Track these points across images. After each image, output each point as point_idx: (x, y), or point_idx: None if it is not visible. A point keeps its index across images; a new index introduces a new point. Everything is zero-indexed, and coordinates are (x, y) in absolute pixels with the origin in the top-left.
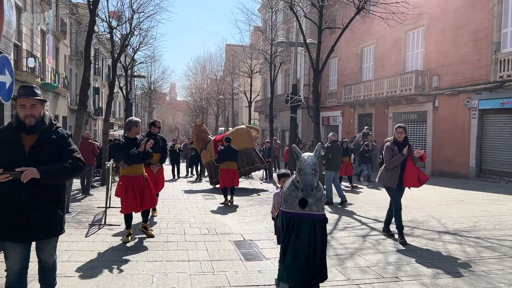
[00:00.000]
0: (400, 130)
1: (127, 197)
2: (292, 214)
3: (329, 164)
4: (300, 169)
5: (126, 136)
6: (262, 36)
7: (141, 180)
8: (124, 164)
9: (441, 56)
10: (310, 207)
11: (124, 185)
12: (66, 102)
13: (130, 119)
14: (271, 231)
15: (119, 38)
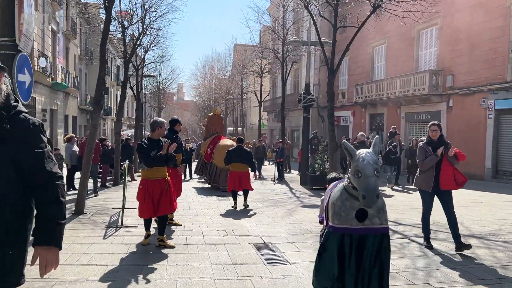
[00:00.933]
0: (434, 128)
1: (144, 201)
2: (349, 231)
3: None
4: (358, 171)
5: (149, 137)
6: (272, 35)
7: (162, 183)
8: (143, 166)
9: (456, 55)
10: (371, 219)
11: (143, 189)
12: (76, 102)
13: (155, 120)
14: (291, 234)
15: (130, 37)
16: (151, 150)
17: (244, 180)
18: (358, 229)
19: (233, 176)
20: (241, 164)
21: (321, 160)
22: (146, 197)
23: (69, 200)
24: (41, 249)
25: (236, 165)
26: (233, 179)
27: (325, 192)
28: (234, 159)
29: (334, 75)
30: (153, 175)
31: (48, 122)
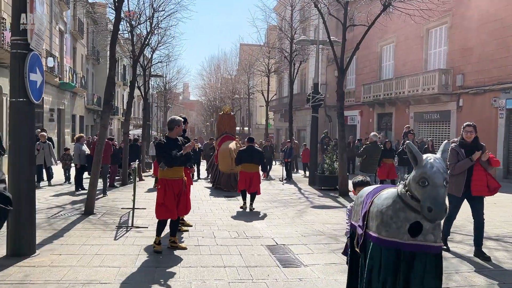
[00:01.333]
0: (469, 129)
1: (165, 202)
2: (398, 245)
3: (363, 165)
4: (425, 179)
5: (167, 136)
6: (280, 34)
7: (180, 184)
8: (164, 166)
9: (466, 54)
10: (425, 235)
11: (163, 189)
12: (83, 101)
13: (173, 118)
14: (303, 235)
15: (138, 37)
16: (171, 149)
17: (255, 181)
18: (409, 245)
19: (244, 176)
20: (251, 164)
21: (330, 160)
22: (165, 198)
23: (78, 200)
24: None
25: (247, 166)
26: (244, 180)
27: (357, 198)
28: (245, 159)
29: (344, 74)
30: (173, 175)
31: (56, 122)
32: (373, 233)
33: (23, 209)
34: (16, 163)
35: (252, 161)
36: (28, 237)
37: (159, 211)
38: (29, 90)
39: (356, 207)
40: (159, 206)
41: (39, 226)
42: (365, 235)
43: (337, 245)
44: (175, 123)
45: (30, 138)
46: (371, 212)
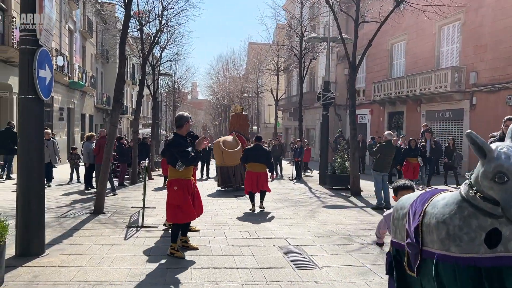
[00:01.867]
0: (509, 123)
1: (187, 203)
2: (477, 262)
3: (377, 163)
4: (502, 173)
5: (177, 133)
6: (289, 32)
7: (192, 183)
8: (181, 165)
9: (480, 51)
10: (505, 244)
11: (181, 190)
12: (92, 100)
13: (181, 114)
14: (316, 236)
15: (146, 36)
16: (187, 147)
17: (262, 180)
18: (489, 258)
19: (250, 176)
20: (258, 164)
21: (342, 160)
22: (187, 198)
23: (87, 198)
24: None
25: (253, 165)
26: (251, 180)
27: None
28: (251, 158)
29: (356, 71)
30: (187, 174)
31: (65, 121)
32: (436, 250)
33: (33, 208)
34: (25, 162)
35: (258, 160)
36: (37, 236)
37: (179, 215)
38: (38, 87)
39: (398, 222)
40: (178, 209)
41: (49, 225)
42: (422, 254)
43: (352, 246)
44: (184, 120)
45: (39, 136)
46: (427, 225)
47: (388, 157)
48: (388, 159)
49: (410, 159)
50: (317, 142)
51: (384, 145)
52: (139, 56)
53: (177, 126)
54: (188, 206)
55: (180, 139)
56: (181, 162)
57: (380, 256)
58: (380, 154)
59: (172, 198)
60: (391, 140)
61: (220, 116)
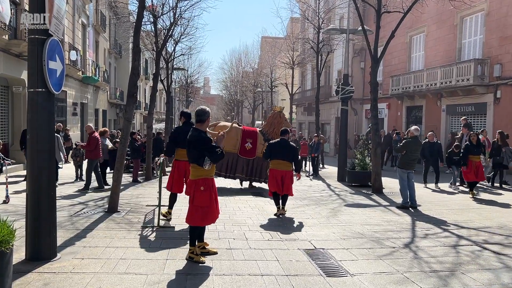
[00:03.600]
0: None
1: (213, 204)
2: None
3: (402, 160)
4: None
5: (198, 128)
6: (303, 25)
7: (214, 183)
8: (210, 164)
9: (505, 42)
10: None
11: (208, 191)
12: (106, 95)
13: (203, 109)
14: (342, 238)
15: (160, 29)
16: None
17: (287, 181)
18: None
19: (274, 175)
20: (283, 161)
21: (362, 156)
22: (211, 199)
23: (101, 197)
24: None
25: (278, 163)
26: (275, 180)
27: None
28: (275, 154)
29: (378, 63)
30: (212, 173)
31: (79, 116)
32: None
33: (43, 209)
34: (35, 159)
35: (284, 157)
36: (48, 240)
37: (201, 217)
38: (48, 79)
39: None
40: (206, 211)
41: (61, 225)
42: None
43: (382, 250)
44: (207, 115)
45: (49, 133)
46: None
47: (414, 154)
48: (415, 156)
49: (472, 157)
50: (332, 137)
51: (410, 141)
52: (153, 50)
53: (198, 121)
54: (214, 209)
55: (205, 135)
56: (209, 160)
57: (414, 261)
58: (406, 151)
59: (199, 200)
60: (417, 136)
61: (233, 111)
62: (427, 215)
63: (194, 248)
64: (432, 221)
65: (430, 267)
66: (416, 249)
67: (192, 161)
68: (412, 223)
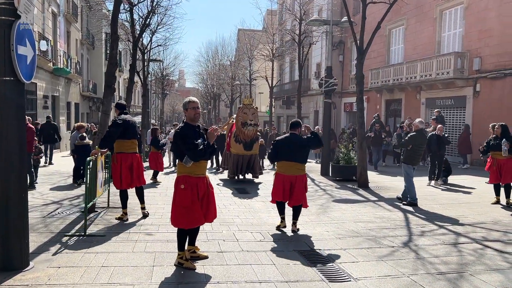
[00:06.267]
0: None
1: (194, 206)
2: None
3: (408, 155)
4: None
5: (186, 122)
6: (281, 16)
7: (205, 182)
8: (188, 161)
9: (484, 36)
10: None
11: (189, 190)
12: (78, 88)
13: (191, 99)
14: (337, 237)
15: (138, 17)
16: (195, 139)
17: (299, 189)
18: None
19: (282, 181)
20: (295, 163)
21: (346, 149)
22: (195, 200)
23: (77, 195)
24: None
25: (287, 165)
26: (282, 186)
27: None
28: (283, 154)
29: (364, 55)
30: (198, 171)
31: (50, 109)
32: None
33: (12, 211)
34: (3, 156)
35: (294, 157)
36: (19, 247)
37: (184, 219)
38: (17, 66)
39: None
40: (184, 212)
41: (33, 228)
42: None
43: (382, 250)
44: (185, 105)
45: (19, 126)
46: None
47: (420, 148)
48: (420, 150)
49: (495, 154)
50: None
51: (415, 135)
52: (128, 41)
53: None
54: (195, 210)
55: (187, 129)
56: (188, 157)
57: (418, 262)
58: (412, 145)
59: (179, 198)
60: (422, 129)
61: (210, 104)
62: (419, 211)
63: (183, 253)
64: (425, 217)
65: (436, 269)
66: (416, 248)
67: (176, 157)
68: (405, 220)
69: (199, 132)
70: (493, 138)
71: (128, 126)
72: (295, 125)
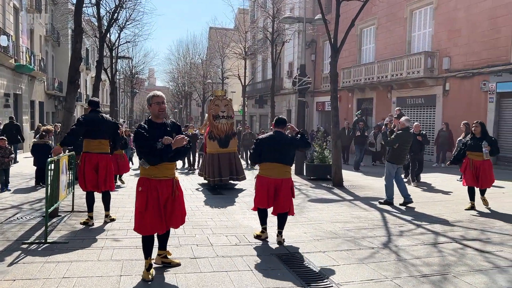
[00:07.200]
0: None
1: (148, 211)
2: None
3: (393, 154)
4: None
5: (150, 119)
6: (256, 14)
7: (169, 186)
8: (145, 163)
9: (453, 36)
10: None
11: (145, 192)
12: (42, 86)
13: (155, 93)
14: (315, 239)
15: (105, 12)
16: (155, 139)
17: (285, 194)
18: None
19: (266, 185)
20: (280, 165)
21: (320, 148)
22: (149, 204)
23: (38, 198)
24: None
25: (271, 167)
26: (266, 190)
27: None
28: (267, 154)
29: (338, 54)
30: (160, 173)
31: (12, 108)
32: None
33: None
34: None
35: (280, 158)
36: None
37: (141, 224)
38: None
39: None
40: (140, 217)
41: None
42: None
43: (362, 252)
44: (149, 99)
45: None
46: None
47: (406, 146)
48: (406, 149)
49: (472, 155)
50: None
51: (402, 133)
52: (95, 37)
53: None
54: (152, 216)
55: (143, 129)
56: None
57: (400, 265)
58: (398, 144)
59: (136, 202)
60: (408, 127)
61: (181, 103)
62: (395, 210)
63: (147, 261)
64: (401, 215)
65: (419, 271)
66: (397, 249)
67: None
68: (383, 219)
69: (165, 130)
70: (471, 138)
71: (95, 125)
72: (281, 122)
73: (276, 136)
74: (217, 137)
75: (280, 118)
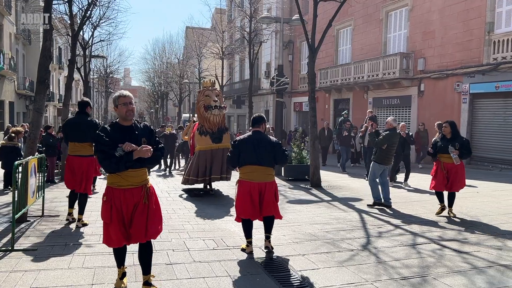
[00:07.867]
0: None
1: (113, 223)
2: None
3: (380, 155)
4: None
5: (116, 122)
6: (233, 14)
7: (137, 195)
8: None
9: (428, 37)
10: None
11: (109, 203)
12: (12, 86)
13: (121, 93)
14: (294, 242)
15: (77, 9)
16: (114, 145)
17: (269, 197)
18: None
19: (249, 190)
20: (261, 167)
21: (298, 149)
22: (114, 216)
23: (6, 203)
24: None
25: (252, 170)
26: (250, 197)
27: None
28: (248, 157)
29: (316, 54)
30: (125, 181)
31: None
32: None
33: None
34: None
35: (261, 160)
36: None
37: (107, 236)
38: None
39: None
40: (106, 228)
41: None
42: None
43: (341, 254)
44: (115, 101)
45: None
46: None
47: (393, 147)
48: (393, 149)
49: (442, 157)
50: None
51: (390, 134)
52: (67, 35)
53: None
54: (116, 228)
55: (104, 131)
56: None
57: (380, 267)
58: (387, 144)
59: (101, 213)
60: (396, 127)
61: (157, 103)
62: (372, 210)
63: (120, 269)
64: (380, 216)
65: (399, 273)
66: (376, 251)
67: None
68: (361, 220)
69: (131, 134)
70: (440, 138)
71: (71, 128)
72: (258, 121)
73: (256, 136)
74: (209, 131)
75: (256, 116)
